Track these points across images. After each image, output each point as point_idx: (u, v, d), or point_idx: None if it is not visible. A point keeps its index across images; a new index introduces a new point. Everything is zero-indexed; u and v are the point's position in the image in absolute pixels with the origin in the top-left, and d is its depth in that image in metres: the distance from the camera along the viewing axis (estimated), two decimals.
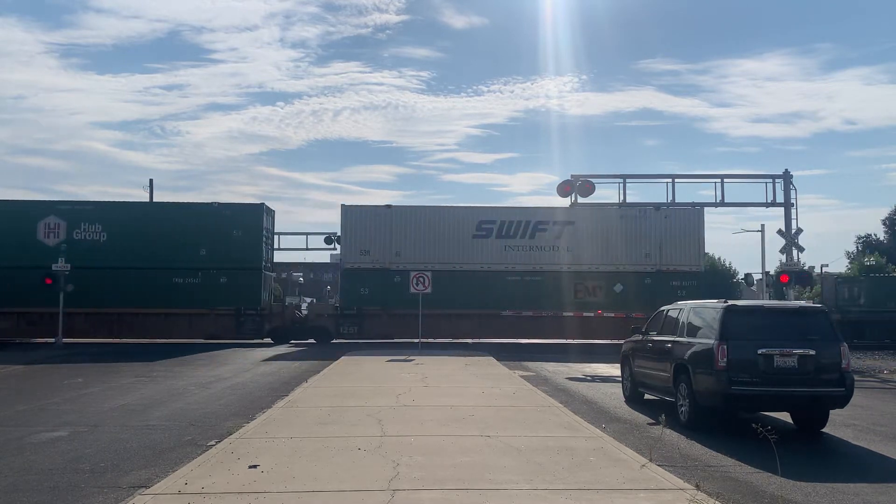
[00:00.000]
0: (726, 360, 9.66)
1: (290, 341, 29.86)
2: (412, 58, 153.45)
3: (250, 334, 29.38)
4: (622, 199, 28.89)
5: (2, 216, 29.30)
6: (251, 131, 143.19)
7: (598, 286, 29.69)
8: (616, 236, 30.11)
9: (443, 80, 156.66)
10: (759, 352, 9.64)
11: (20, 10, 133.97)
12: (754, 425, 7.52)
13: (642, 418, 11.19)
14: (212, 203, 30.31)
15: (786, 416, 10.87)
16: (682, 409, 10.58)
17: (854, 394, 9.94)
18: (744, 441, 9.09)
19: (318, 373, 16.63)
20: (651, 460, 7.64)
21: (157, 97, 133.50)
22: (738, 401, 9.76)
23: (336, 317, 29.93)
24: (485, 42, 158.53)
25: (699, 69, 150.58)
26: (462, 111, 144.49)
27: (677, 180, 29.43)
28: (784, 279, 23.67)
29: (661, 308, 12.72)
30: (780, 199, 27.46)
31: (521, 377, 16.24)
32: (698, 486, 6.57)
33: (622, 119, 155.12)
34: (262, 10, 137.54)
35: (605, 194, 39.62)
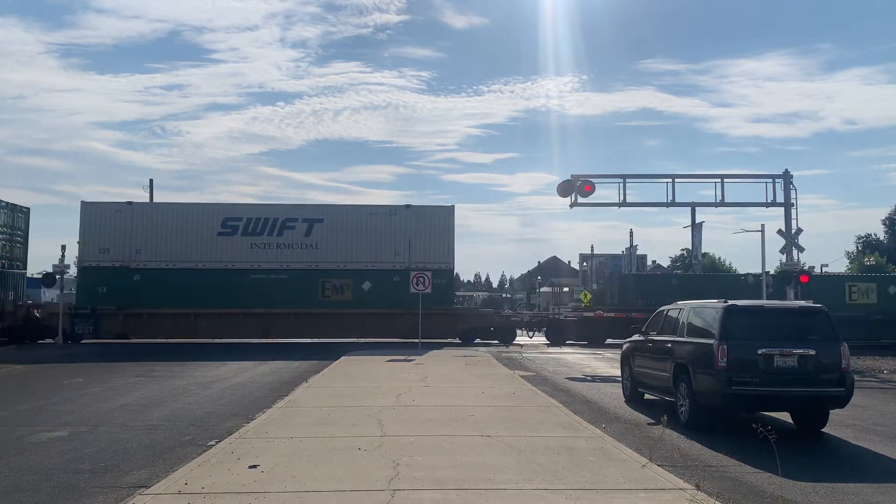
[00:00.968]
0: (726, 360, 9.66)
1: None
2: (412, 58, 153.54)
3: None
4: (622, 199, 28.81)
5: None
6: (251, 131, 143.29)
7: (346, 284, 29.92)
8: (366, 234, 30.48)
9: (443, 80, 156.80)
10: (760, 352, 9.63)
11: (21, 10, 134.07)
12: (754, 425, 7.53)
13: (642, 418, 11.19)
14: None
15: (786, 416, 10.87)
16: (682, 409, 10.58)
17: (854, 394, 9.94)
18: (744, 441, 9.08)
19: (318, 373, 16.66)
20: (651, 460, 7.63)
21: (157, 97, 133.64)
22: (738, 401, 9.76)
23: (71, 316, 29.03)
24: (485, 42, 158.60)
25: (699, 69, 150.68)
26: (462, 111, 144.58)
27: (677, 180, 29.29)
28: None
29: (661, 308, 12.71)
30: (780, 199, 27.38)
31: (522, 377, 16.25)
32: (698, 486, 6.58)
33: (622, 119, 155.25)
34: (262, 10, 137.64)
35: (605, 194, 39.46)
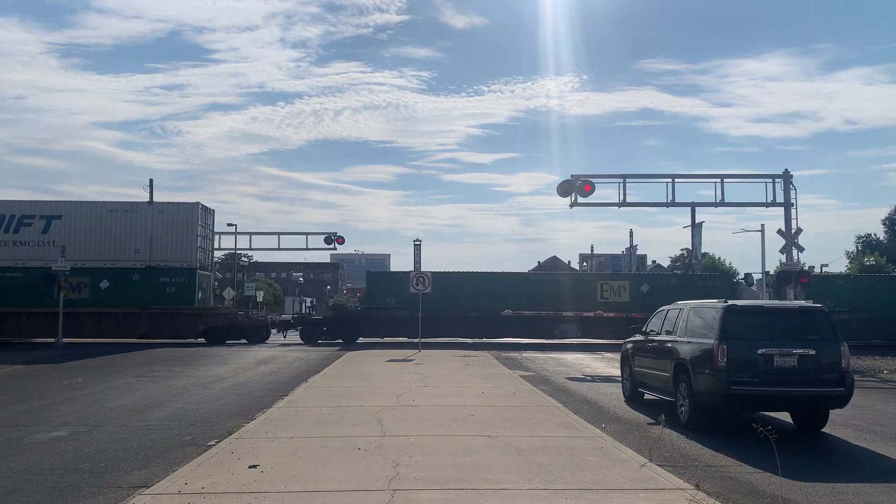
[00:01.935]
0: (726, 359, 9.65)
1: None
2: (413, 58, 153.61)
3: None
4: (622, 199, 28.82)
5: None
6: (251, 131, 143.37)
7: (82, 282, 29.92)
8: (106, 231, 30.54)
9: (443, 80, 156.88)
10: (759, 352, 9.63)
11: (21, 10, 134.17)
12: (754, 425, 7.52)
13: (642, 418, 11.19)
14: None
15: (786, 416, 10.87)
16: (682, 408, 10.58)
17: (854, 394, 9.94)
18: (744, 441, 9.09)
19: (319, 372, 16.67)
20: (651, 460, 7.64)
21: (157, 97, 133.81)
22: (738, 400, 9.75)
23: None
24: (485, 42, 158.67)
25: (700, 69, 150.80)
26: (462, 111, 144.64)
27: (677, 180, 29.33)
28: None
29: (661, 308, 12.71)
30: (780, 199, 27.39)
31: (522, 377, 16.26)
32: (698, 486, 6.58)
33: (622, 119, 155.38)
34: (262, 10, 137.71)
35: (605, 194, 39.57)
